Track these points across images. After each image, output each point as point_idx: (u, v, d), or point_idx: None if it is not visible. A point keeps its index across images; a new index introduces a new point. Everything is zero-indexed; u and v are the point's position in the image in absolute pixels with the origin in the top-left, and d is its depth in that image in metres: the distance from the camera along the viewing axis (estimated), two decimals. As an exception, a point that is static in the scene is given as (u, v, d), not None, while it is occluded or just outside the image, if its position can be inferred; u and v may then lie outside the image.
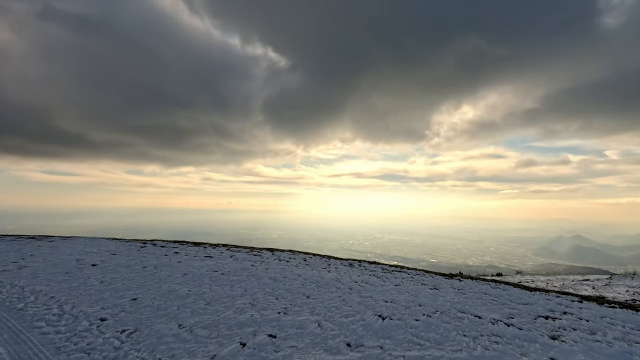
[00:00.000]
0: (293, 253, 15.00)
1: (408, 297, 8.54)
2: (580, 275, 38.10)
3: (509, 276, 44.46)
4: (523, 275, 40.68)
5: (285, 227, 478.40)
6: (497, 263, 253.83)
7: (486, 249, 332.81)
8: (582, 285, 26.79)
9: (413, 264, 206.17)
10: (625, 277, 32.85)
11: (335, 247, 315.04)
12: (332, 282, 9.77)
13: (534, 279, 33.75)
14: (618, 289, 24.68)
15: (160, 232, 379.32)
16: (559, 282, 29.11)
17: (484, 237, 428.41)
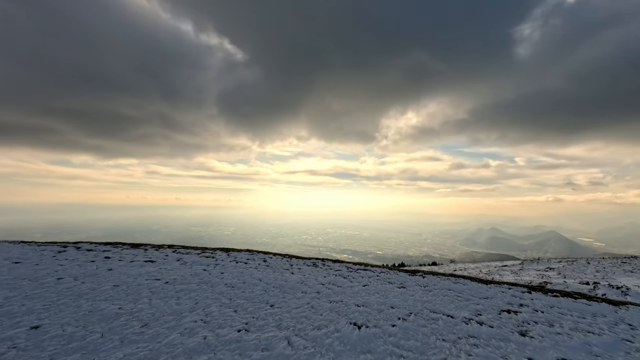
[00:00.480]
0: (251, 253, 13.48)
1: (379, 298, 7.92)
2: (499, 262, 43.28)
3: (444, 264, 48.42)
4: (456, 264, 44.56)
5: (238, 224, 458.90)
6: (432, 253, 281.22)
7: (424, 241, 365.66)
8: (503, 270, 30.19)
9: (362, 256, 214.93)
10: (532, 262, 38.23)
11: (289, 242, 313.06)
12: (297, 285, 8.69)
13: (465, 266, 37.21)
14: (530, 272, 28.43)
15: (93, 231, 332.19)
16: (485, 269, 32.37)
17: (422, 230, 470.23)
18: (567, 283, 19.85)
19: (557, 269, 29.11)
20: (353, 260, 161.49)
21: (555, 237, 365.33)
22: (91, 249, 12.74)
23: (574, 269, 29.11)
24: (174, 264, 10.62)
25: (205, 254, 12.61)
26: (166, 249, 13.39)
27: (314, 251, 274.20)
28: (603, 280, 23.58)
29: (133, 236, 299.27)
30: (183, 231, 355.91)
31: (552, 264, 35.48)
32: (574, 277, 24.18)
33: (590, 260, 40.29)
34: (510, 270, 29.92)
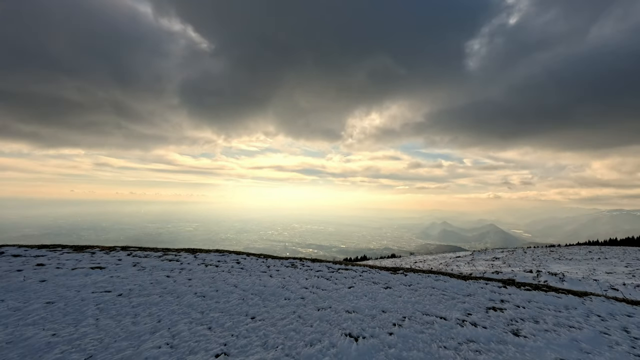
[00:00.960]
0: (222, 254, 12.06)
1: (368, 302, 7.29)
2: (452, 253, 46.16)
3: (405, 257, 50.50)
4: (416, 256, 46.53)
5: (201, 219, 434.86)
6: (392, 246, 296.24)
7: (384, 235, 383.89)
8: (458, 261, 31.90)
9: (326, 250, 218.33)
10: (480, 253, 41.22)
11: (254, 237, 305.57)
12: (278, 291, 7.70)
13: (424, 258, 38.97)
14: (481, 262, 30.44)
15: (27, 229, 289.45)
16: (442, 260, 33.86)
17: (382, 225, 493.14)
18: (514, 272, 21.47)
19: (502, 259, 31.54)
20: (318, 254, 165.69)
21: (494, 229, 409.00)
22: (19, 254, 10.23)
23: (515, 258, 31.91)
24: (129, 270, 8.87)
25: (168, 257, 10.91)
26: (119, 252, 11.35)
27: (279, 246, 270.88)
28: (540, 267, 26.06)
29: (79, 235, 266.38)
30: (139, 228, 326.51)
31: (496, 253, 38.65)
32: (517, 266, 26.36)
33: (527, 250, 45.00)
34: (464, 261, 31.88)
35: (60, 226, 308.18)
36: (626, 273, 21.83)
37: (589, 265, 26.69)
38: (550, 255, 35.27)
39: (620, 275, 21.16)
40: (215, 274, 8.99)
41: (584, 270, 23.14)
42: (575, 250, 41.91)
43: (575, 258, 31.09)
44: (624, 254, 33.44)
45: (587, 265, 26.24)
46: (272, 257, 12.43)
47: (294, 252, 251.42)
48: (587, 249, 42.20)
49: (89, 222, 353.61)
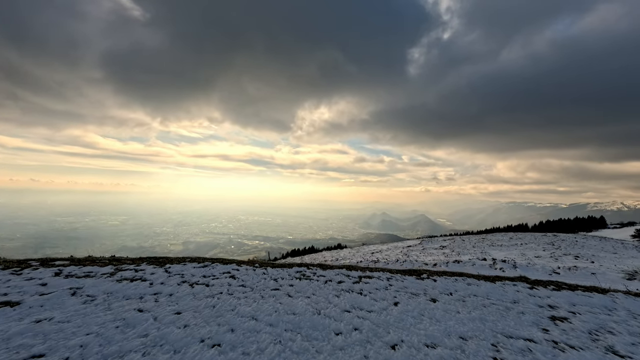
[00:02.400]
0: (203, 264, 9.07)
1: (434, 325, 5.75)
2: (401, 242, 48.19)
3: (357, 246, 51.32)
4: (368, 246, 47.36)
5: (130, 212, 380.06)
6: (337, 235, 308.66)
7: (330, 225, 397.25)
8: (412, 250, 32.61)
9: (273, 241, 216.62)
10: (427, 241, 43.48)
11: (195, 230, 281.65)
12: (318, 320, 5.57)
13: (379, 248, 39.61)
14: (433, 252, 31.29)
15: None
16: (398, 250, 34.24)
17: (329, 216, 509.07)
18: (471, 260, 22.79)
19: (448, 247, 33.26)
20: (265, 246, 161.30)
21: (424, 219, 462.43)
22: None
23: (459, 246, 34.18)
24: (67, 304, 5.48)
25: (125, 273, 7.50)
26: (38, 270, 7.39)
27: (224, 239, 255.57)
28: (484, 254, 28.37)
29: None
30: (43, 223, 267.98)
31: (441, 242, 41.39)
32: (467, 254, 28.22)
33: (464, 238, 49.46)
34: (418, 250, 32.79)
35: None
36: (550, 256, 25.04)
37: (517, 250, 29.97)
38: (484, 242, 39.31)
39: (547, 258, 24.12)
40: (212, 299, 6.28)
41: (518, 255, 25.78)
42: (499, 237, 47.67)
43: (504, 244, 34.89)
44: (535, 239, 39.32)
45: (516, 250, 29.44)
46: (270, 264, 9.95)
47: (240, 245, 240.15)
48: (508, 236, 48.48)
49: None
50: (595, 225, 70.05)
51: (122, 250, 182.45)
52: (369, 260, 19.55)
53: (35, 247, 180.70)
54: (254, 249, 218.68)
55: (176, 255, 58.57)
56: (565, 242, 32.52)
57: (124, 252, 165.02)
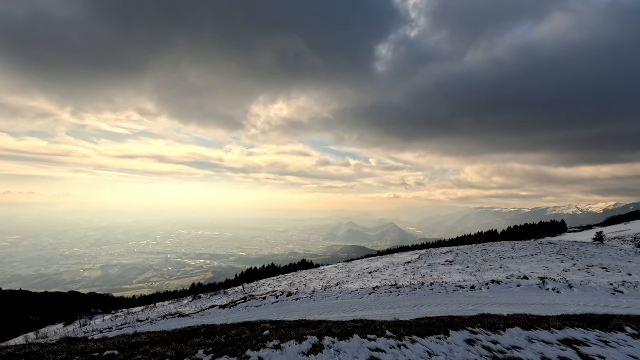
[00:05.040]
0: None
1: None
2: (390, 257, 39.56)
3: (339, 264, 49.79)
4: (355, 263, 40.00)
5: (26, 229, 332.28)
6: (298, 250, 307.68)
7: (290, 238, 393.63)
8: (419, 269, 26.14)
9: (222, 259, 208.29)
10: (429, 256, 36.45)
11: (119, 250, 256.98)
12: None
13: (374, 266, 32.45)
14: (443, 269, 25.32)
15: None
16: (399, 268, 27.78)
17: (289, 227, 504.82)
18: (510, 280, 16.68)
19: (457, 262, 28.14)
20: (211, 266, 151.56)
21: (393, 228, 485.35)
22: None
23: (467, 260, 28.69)
24: None
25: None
26: None
27: (159, 259, 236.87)
28: (510, 270, 22.15)
29: None
30: None
31: (441, 256, 33.84)
32: (488, 270, 22.76)
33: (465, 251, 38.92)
34: (425, 267, 26.67)
35: None
36: (578, 270, 21.41)
37: (537, 263, 25.72)
38: (490, 254, 33.45)
39: (579, 272, 20.44)
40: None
41: (542, 269, 22.24)
42: (499, 247, 40.53)
43: (514, 256, 30.46)
44: (540, 249, 33.79)
45: (537, 264, 25.31)
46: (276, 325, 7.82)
47: (180, 265, 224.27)
48: (510, 245, 41.93)
49: None
50: (557, 230, 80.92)
51: (13, 280, 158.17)
52: (378, 286, 14.48)
53: None
54: (198, 270, 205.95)
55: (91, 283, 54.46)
56: (569, 250, 30.77)
57: (16, 284, 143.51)
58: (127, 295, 76.09)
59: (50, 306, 51.71)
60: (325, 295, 11.13)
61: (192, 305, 15.77)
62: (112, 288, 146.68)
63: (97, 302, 56.31)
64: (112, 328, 9.90)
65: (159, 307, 18.59)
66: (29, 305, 51.48)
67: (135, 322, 10.18)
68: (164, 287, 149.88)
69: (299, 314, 9.49)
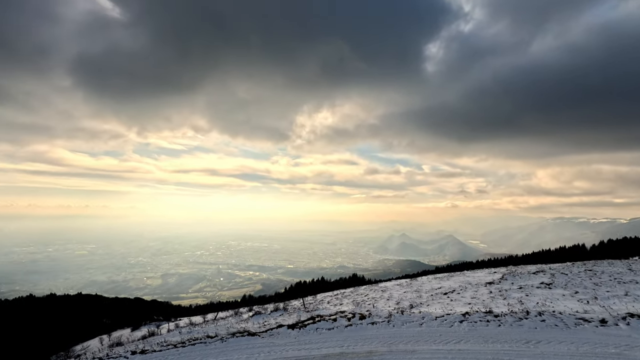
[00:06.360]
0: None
1: None
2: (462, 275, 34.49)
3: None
4: (417, 281, 36.05)
5: (100, 239, 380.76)
6: (347, 263, 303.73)
7: (338, 251, 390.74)
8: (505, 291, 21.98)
9: (270, 271, 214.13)
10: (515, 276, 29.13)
11: (177, 260, 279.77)
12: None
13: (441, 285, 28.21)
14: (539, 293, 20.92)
15: None
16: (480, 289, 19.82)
17: (336, 239, 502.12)
18: None
19: (557, 285, 23.60)
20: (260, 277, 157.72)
21: (452, 241, 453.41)
22: None
23: (570, 283, 23.66)
24: None
25: None
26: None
27: (211, 270, 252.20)
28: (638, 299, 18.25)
29: None
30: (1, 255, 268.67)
31: (531, 276, 27.99)
32: (613, 299, 18.04)
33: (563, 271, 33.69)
34: (515, 290, 17.96)
35: None
36: None
37: None
38: (601, 276, 21.44)
39: None
40: None
41: None
42: (606, 267, 29.65)
43: (636, 280, 23.03)
44: None
45: None
46: None
47: (230, 276, 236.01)
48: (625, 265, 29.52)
49: None
50: (670, 245, 67.31)
51: (90, 285, 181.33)
52: (468, 312, 11.83)
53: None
54: (247, 282, 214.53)
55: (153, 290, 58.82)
56: None
57: (92, 288, 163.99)
58: (184, 304, 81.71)
59: (120, 311, 57.50)
60: (404, 320, 10.03)
61: (254, 321, 15.74)
62: (170, 296, 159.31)
63: (159, 309, 61.20)
64: (184, 343, 10.08)
65: (219, 320, 19.04)
66: (102, 308, 57.96)
67: (205, 338, 10.26)
68: (217, 297, 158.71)
69: (380, 342, 8.57)
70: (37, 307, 53.55)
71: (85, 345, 30.15)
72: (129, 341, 20.90)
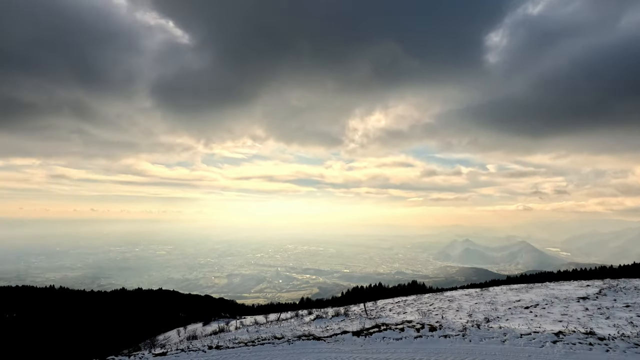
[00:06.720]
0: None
1: None
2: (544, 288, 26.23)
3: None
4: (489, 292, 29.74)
5: (176, 241, 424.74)
6: (404, 269, 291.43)
7: (395, 256, 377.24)
8: (607, 309, 17.10)
9: (326, 275, 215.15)
10: (616, 290, 21.79)
11: (240, 261, 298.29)
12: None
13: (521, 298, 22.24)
14: None
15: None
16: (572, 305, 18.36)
17: (393, 244, 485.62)
18: None
19: None
20: (317, 281, 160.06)
21: (525, 247, 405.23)
22: None
23: None
24: None
25: None
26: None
27: (271, 272, 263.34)
28: None
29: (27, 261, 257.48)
30: (101, 252, 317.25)
31: None
32: None
33: None
34: (620, 308, 17.54)
35: (5, 251, 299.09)
36: None
37: None
38: None
39: None
40: None
41: None
42: None
43: None
44: None
45: None
46: None
47: (288, 279, 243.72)
48: None
49: (40, 245, 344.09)
50: None
51: (168, 282, 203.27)
52: (562, 332, 9.73)
53: (93, 277, 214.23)
54: (304, 285, 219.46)
55: (220, 289, 63.70)
56: None
57: (169, 285, 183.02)
58: (247, 303, 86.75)
59: (192, 306, 63.26)
60: (482, 335, 8.98)
61: (316, 324, 15.81)
62: (235, 295, 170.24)
63: (225, 306, 65.84)
64: (253, 342, 10.53)
65: (282, 322, 19.59)
66: (178, 303, 64.41)
67: (272, 338, 10.58)
68: (276, 298, 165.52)
69: (456, 358, 7.78)
70: (128, 299, 61.72)
71: (167, 335, 33.67)
72: (202, 335, 22.70)
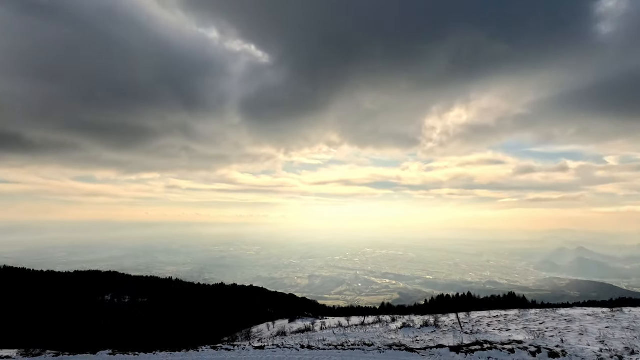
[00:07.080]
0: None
1: None
2: None
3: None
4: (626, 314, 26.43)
5: (262, 242, 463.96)
6: (498, 279, 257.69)
7: (485, 263, 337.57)
8: None
9: (407, 281, 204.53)
10: None
11: (320, 263, 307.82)
12: None
13: None
14: None
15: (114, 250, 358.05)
16: None
17: (482, 250, 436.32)
18: None
19: None
20: (397, 287, 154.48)
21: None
22: None
23: None
24: None
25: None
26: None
27: (349, 275, 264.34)
28: None
29: (153, 257, 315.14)
30: (203, 252, 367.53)
31: None
32: None
33: None
34: None
35: (137, 248, 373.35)
36: None
37: None
38: None
39: None
40: None
41: None
42: None
43: None
44: None
45: None
46: None
47: (367, 282, 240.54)
48: None
49: (160, 244, 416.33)
50: None
51: (257, 280, 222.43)
52: None
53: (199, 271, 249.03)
54: (384, 289, 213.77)
55: (302, 289, 66.64)
56: None
57: (258, 283, 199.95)
58: (328, 304, 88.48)
59: (279, 303, 67.62)
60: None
61: (403, 333, 14.87)
62: (316, 296, 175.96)
63: (308, 306, 68.48)
64: (343, 345, 10.46)
65: (367, 327, 19.10)
66: (267, 299, 69.65)
67: (362, 345, 10.31)
68: (356, 301, 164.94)
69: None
70: (226, 292, 69.41)
71: (259, 328, 36.49)
72: (289, 332, 23.77)
